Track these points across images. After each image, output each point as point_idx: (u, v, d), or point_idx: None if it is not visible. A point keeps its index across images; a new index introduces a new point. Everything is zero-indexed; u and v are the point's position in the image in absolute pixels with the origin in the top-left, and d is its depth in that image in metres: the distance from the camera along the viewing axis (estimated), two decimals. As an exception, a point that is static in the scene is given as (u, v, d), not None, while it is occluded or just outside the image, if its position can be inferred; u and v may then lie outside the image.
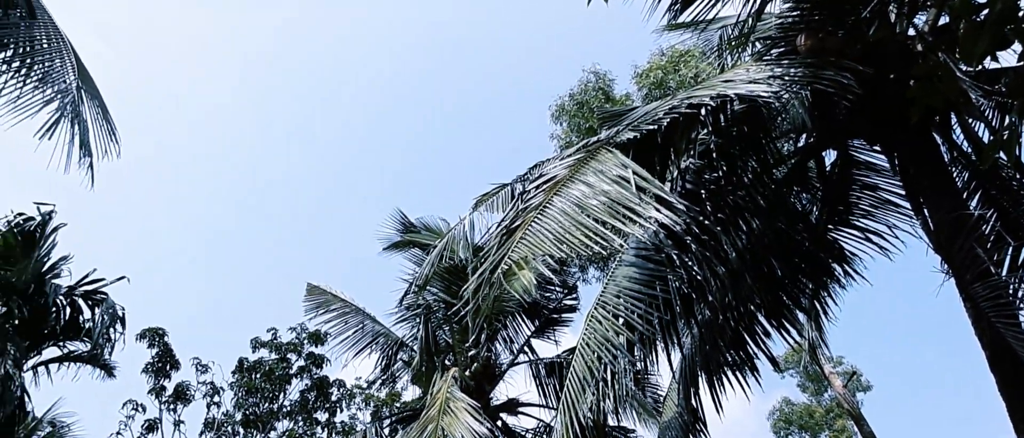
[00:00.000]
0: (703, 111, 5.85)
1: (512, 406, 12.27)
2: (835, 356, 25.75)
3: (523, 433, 12.53)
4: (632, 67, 18.11)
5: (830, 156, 7.11)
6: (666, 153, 6.11)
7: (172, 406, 16.15)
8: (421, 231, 13.28)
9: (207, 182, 41.09)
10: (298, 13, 40.48)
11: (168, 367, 15.93)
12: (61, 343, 11.10)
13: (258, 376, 16.51)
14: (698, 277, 5.95)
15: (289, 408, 16.78)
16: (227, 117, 43.12)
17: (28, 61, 7.80)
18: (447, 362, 12.17)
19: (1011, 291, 5.62)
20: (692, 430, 6.69)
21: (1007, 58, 3.37)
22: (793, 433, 28.88)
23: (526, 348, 12.67)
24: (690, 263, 5.89)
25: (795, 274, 6.72)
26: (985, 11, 2.94)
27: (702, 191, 6.35)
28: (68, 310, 10.69)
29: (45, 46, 8.12)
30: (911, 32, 6.15)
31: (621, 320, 5.50)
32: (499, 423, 12.01)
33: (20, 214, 11.32)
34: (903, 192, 6.55)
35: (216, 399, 16.49)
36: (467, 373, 11.56)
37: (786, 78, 5.55)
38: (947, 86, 4.21)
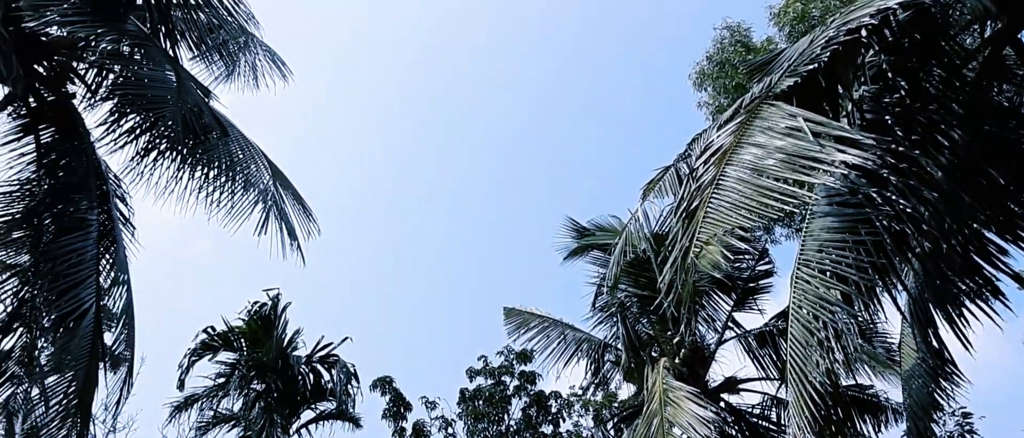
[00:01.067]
0: (864, 33, 5.40)
1: (731, 385, 11.92)
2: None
3: (748, 410, 12.11)
4: (767, 9, 16.97)
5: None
6: (834, 89, 5.71)
7: (413, 445, 17.61)
8: (596, 232, 13.39)
9: (372, 231, 44.37)
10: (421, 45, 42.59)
11: (402, 410, 17.42)
12: (312, 405, 12.59)
13: (480, 403, 17.51)
14: (906, 209, 5.45)
15: (515, 427, 17.56)
16: (372, 165, 46.32)
17: (231, 173, 9.00)
18: (654, 354, 12.11)
19: None
20: (941, 374, 6.10)
21: None
22: (1066, 352, 25.02)
23: (730, 324, 12.27)
24: (893, 197, 5.42)
25: (1021, 177, 5.93)
26: None
27: (886, 117, 5.84)
28: (311, 376, 12.11)
29: (240, 156, 9.25)
30: None
31: (830, 274, 5.19)
32: (722, 404, 11.71)
33: (255, 302, 13.04)
34: None
35: (450, 431, 17.74)
36: (677, 361, 11.43)
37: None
38: None
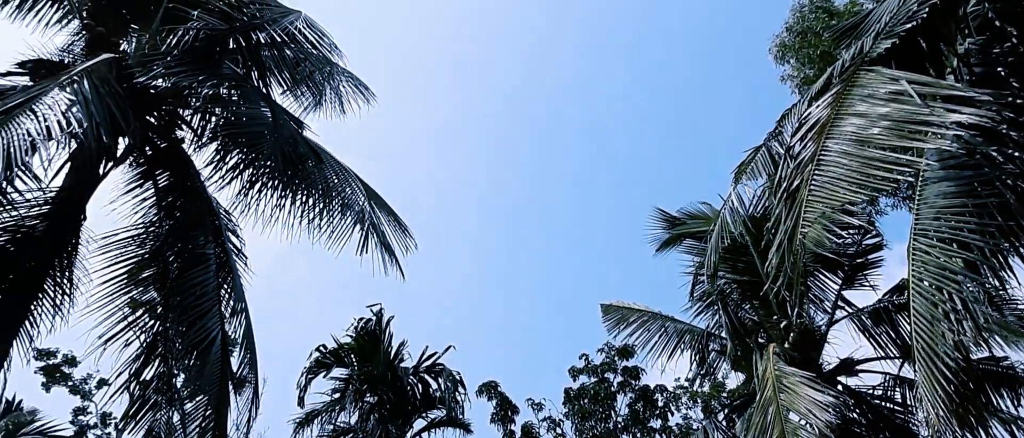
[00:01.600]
0: (965, -17, 5.07)
1: (848, 367, 11.35)
2: None
3: (869, 392, 11.50)
4: (847, -30, 16.11)
5: None
6: (936, 47, 5.39)
7: (524, 446, 17.83)
8: (687, 221, 13.10)
9: (464, 241, 44.99)
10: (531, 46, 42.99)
11: (509, 413, 17.66)
12: (423, 414, 12.98)
13: (586, 401, 17.50)
14: (1031, 165, 5.05)
15: (623, 423, 17.43)
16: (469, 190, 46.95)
17: (328, 198, 9.40)
18: (760, 340, 11.72)
19: None
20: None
21: None
22: None
23: (840, 303, 11.70)
24: (1016, 153, 5.04)
25: None
26: None
27: (998, 69, 5.44)
28: (420, 386, 12.48)
29: (336, 181, 9.63)
30: None
31: (950, 242, 4.88)
32: (839, 388, 11.18)
33: (360, 319, 13.57)
34: None
35: (558, 431, 17.85)
36: (787, 345, 11.00)
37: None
38: None
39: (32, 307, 7.31)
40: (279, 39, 8.99)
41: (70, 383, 17.70)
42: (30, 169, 5.66)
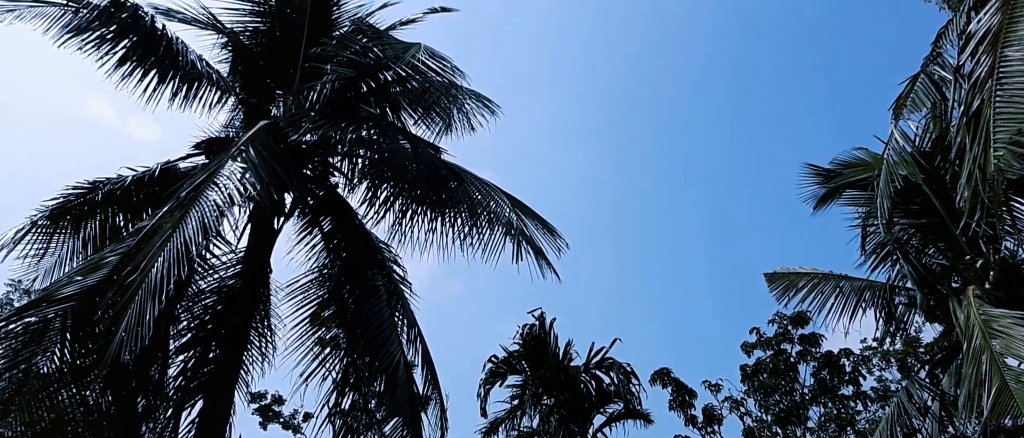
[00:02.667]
0: None
1: (1068, 297, 9.99)
2: None
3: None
4: None
5: None
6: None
7: (708, 430, 17.34)
8: (843, 171, 12.16)
9: (608, 232, 44.53)
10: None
11: (687, 398, 17.26)
12: (601, 410, 13.02)
13: (764, 376, 16.71)
14: None
15: (810, 394, 16.46)
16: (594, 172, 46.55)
17: (475, 214, 9.71)
18: (954, 284, 10.62)
19: None
20: None
21: None
22: None
23: (1045, 227, 10.33)
24: None
25: None
26: None
27: None
28: (593, 382, 12.54)
29: (479, 197, 9.93)
30: None
31: None
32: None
33: (524, 325, 13.88)
34: None
35: (742, 409, 17.18)
36: (987, 286, 9.88)
37: None
38: None
39: (243, 357, 8.18)
40: (404, 74, 9.43)
41: (281, 420, 19.62)
42: (222, 235, 6.34)
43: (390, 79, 9.58)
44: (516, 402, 13.64)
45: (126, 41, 8.57)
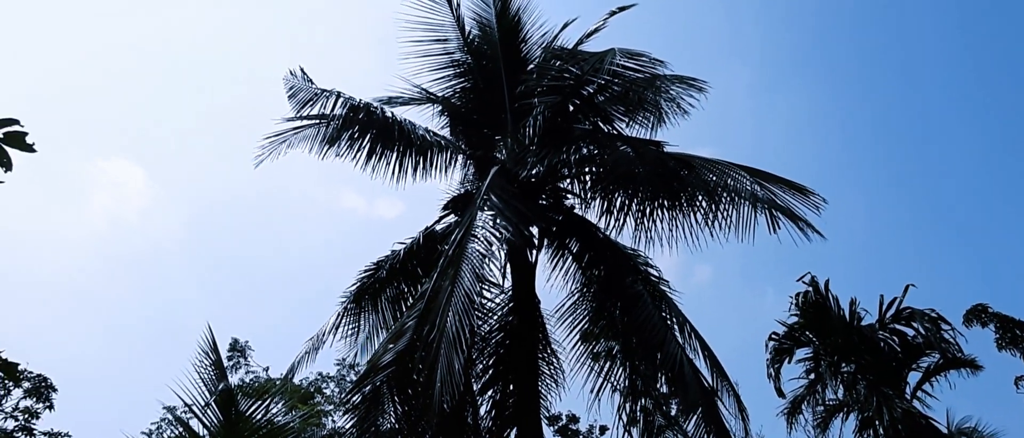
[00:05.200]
0: None
1: None
2: None
3: None
4: None
5: None
6: None
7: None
8: None
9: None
10: None
11: (1018, 332, 14.66)
12: (914, 366, 11.63)
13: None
14: None
15: None
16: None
17: (714, 197, 9.37)
18: None
19: None
20: None
21: None
22: None
23: None
24: None
25: None
26: None
27: None
28: (895, 338, 11.29)
29: (714, 179, 9.55)
30: None
31: None
32: None
33: (796, 294, 12.98)
34: None
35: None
36: None
37: None
38: None
39: (537, 384, 8.76)
40: (604, 83, 9.54)
41: (580, 436, 20.54)
42: (488, 280, 6.92)
43: (593, 91, 9.75)
44: (813, 376, 12.72)
45: (369, 135, 9.84)
